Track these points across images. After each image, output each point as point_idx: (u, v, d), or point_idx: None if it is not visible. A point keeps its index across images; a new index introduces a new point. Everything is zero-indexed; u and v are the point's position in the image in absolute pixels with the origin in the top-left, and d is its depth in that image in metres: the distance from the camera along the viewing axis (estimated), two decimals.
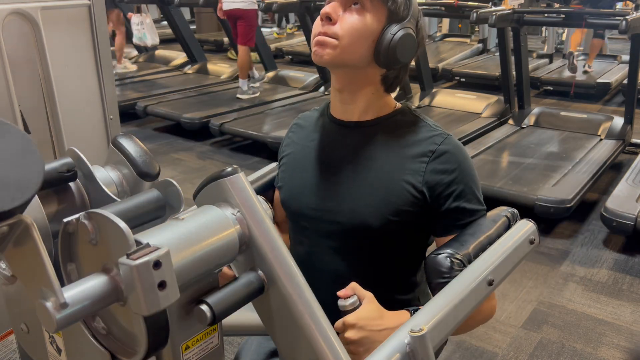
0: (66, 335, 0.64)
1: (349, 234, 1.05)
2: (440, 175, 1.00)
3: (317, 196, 1.08)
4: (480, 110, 4.65)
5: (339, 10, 0.98)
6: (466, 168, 1.03)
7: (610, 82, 5.72)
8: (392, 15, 0.98)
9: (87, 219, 0.55)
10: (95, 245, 0.55)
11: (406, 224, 1.03)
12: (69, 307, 0.48)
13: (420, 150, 1.02)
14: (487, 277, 0.83)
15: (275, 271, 0.65)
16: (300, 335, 0.66)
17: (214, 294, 0.61)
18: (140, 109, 4.96)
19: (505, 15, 4.08)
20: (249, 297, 0.64)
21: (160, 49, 7.22)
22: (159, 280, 0.49)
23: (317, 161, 1.10)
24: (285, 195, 1.14)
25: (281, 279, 0.65)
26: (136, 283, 0.48)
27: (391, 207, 1.01)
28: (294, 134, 1.19)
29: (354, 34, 0.97)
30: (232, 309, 0.61)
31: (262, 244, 0.65)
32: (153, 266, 0.49)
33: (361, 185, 1.04)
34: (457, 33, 8.60)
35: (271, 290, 0.66)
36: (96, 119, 1.86)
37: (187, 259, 0.58)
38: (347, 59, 0.99)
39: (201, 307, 0.59)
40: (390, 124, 1.07)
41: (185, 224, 0.61)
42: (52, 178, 0.71)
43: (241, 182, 0.67)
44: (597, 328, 2.29)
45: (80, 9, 1.74)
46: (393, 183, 1.02)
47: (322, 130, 1.13)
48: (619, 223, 2.78)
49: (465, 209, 1.01)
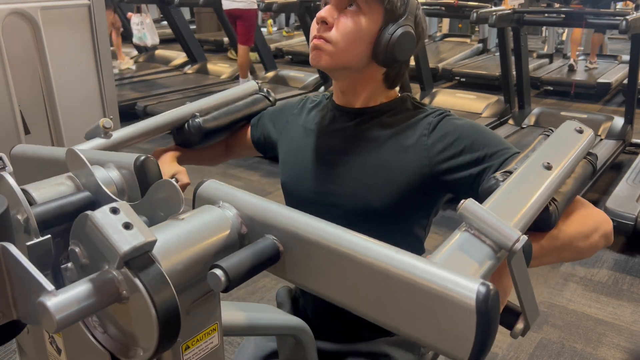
0: (66, 335, 0.64)
1: (350, 215, 1.05)
2: (444, 140, 0.99)
3: (318, 179, 1.09)
4: (481, 110, 4.65)
5: (335, 14, 0.98)
6: (467, 124, 1.00)
7: (610, 82, 5.72)
8: (389, 14, 0.97)
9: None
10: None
11: (407, 204, 1.03)
12: (69, 307, 0.48)
13: (419, 130, 1.03)
14: (542, 162, 0.74)
15: (290, 232, 0.61)
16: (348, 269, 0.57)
17: (228, 259, 0.57)
18: (140, 109, 4.96)
19: (506, 15, 4.08)
20: (264, 264, 0.60)
21: (160, 49, 7.23)
22: (122, 222, 0.49)
23: (318, 145, 1.11)
24: (286, 178, 1.15)
25: (297, 239, 0.60)
26: (102, 231, 0.48)
27: (393, 187, 1.01)
28: (299, 112, 1.20)
29: (349, 38, 0.97)
30: (247, 274, 0.58)
31: (270, 214, 0.62)
32: (111, 212, 0.49)
33: (362, 168, 1.05)
34: (457, 33, 8.60)
35: (287, 252, 0.61)
36: (96, 119, 1.86)
37: (187, 258, 0.58)
38: (344, 62, 0.99)
39: (215, 271, 0.55)
40: (392, 109, 1.07)
41: (185, 223, 0.61)
42: (72, 211, 0.69)
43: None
44: (597, 328, 2.29)
45: (80, 9, 1.74)
46: (394, 164, 1.02)
47: (324, 115, 1.14)
48: (619, 223, 2.78)
49: (487, 154, 0.95)
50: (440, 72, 6.58)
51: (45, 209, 0.66)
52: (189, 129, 1.21)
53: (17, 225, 0.61)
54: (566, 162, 0.77)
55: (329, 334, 1.14)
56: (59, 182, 0.74)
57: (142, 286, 0.48)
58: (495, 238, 0.58)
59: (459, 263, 0.57)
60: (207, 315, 0.64)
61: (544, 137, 0.86)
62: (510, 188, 0.70)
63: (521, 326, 0.65)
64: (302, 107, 1.20)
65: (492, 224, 0.58)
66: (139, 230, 0.49)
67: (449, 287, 0.48)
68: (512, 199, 0.68)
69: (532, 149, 0.83)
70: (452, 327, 0.49)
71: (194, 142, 1.24)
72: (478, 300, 0.46)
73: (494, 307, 0.47)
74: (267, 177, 3.97)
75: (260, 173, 4.04)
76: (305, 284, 0.62)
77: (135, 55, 7.24)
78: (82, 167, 0.74)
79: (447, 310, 0.49)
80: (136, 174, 0.78)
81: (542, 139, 0.86)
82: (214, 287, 0.56)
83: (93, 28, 1.77)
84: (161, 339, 0.50)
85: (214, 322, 0.65)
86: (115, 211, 0.50)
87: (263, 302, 2.49)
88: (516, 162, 0.81)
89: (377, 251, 0.55)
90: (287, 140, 1.18)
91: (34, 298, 0.48)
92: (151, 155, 0.79)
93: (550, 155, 0.77)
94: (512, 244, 0.57)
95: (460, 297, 0.47)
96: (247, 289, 2.57)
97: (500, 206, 0.66)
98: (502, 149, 0.95)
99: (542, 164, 0.74)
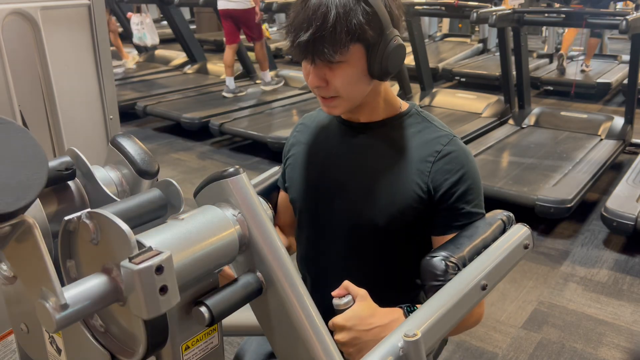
0: (66, 335, 0.64)
1: (355, 232, 1.06)
2: (445, 175, 1.01)
3: (324, 195, 1.10)
4: (481, 110, 4.65)
5: (322, 73, 0.97)
6: (470, 170, 1.03)
7: (610, 82, 5.72)
8: (368, 45, 0.95)
9: (89, 218, 0.55)
10: (97, 245, 0.55)
11: (411, 223, 1.04)
12: (69, 307, 0.48)
13: (426, 151, 1.03)
14: (480, 282, 0.84)
15: (274, 273, 0.65)
16: (296, 337, 0.66)
17: (213, 296, 0.61)
18: (140, 109, 4.96)
19: (506, 15, 4.08)
20: (247, 299, 0.64)
21: (160, 48, 7.23)
22: (161, 284, 0.49)
23: (323, 161, 1.11)
24: (294, 195, 1.16)
25: (279, 280, 0.65)
26: (138, 287, 0.48)
27: (397, 206, 1.02)
28: (299, 133, 1.20)
29: (349, 84, 0.97)
30: (231, 310, 0.61)
31: (261, 245, 0.65)
32: (155, 271, 0.49)
33: (367, 185, 1.05)
34: (457, 33, 8.60)
35: (269, 292, 0.66)
36: (96, 119, 1.86)
37: (187, 259, 0.58)
38: (356, 102, 1.02)
39: (200, 308, 0.59)
40: (397, 125, 1.07)
41: (186, 224, 0.60)
42: (51, 177, 0.70)
43: (242, 182, 0.67)
44: (597, 328, 2.29)
45: (80, 9, 1.74)
46: (399, 183, 1.03)
47: (328, 129, 1.14)
48: (619, 223, 2.78)
49: (465, 210, 1.01)
50: (441, 72, 6.57)
51: None
52: None
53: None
54: (498, 280, 0.89)
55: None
56: None
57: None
58: None
59: None
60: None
61: (500, 225, 1.00)
62: (444, 302, 0.79)
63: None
64: (304, 126, 1.20)
65: None
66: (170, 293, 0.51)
67: None
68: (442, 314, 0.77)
69: (483, 240, 0.96)
70: None
71: None
72: None
73: None
74: None
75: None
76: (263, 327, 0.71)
77: (136, 55, 7.24)
78: (82, 166, 0.74)
79: None
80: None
81: (497, 227, 1.00)
82: (199, 322, 0.60)
83: (93, 28, 1.77)
84: (150, 341, 0.51)
85: None
86: (160, 270, 0.49)
87: None
88: (468, 250, 0.92)
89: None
90: (291, 161, 1.18)
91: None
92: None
93: (491, 272, 0.86)
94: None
95: None
96: None
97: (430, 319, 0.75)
98: (476, 212, 1.03)
99: (481, 284, 0.84)
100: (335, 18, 0.90)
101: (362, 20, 0.91)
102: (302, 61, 0.99)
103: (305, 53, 0.94)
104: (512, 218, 1.04)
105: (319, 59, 0.94)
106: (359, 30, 0.91)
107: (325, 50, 0.91)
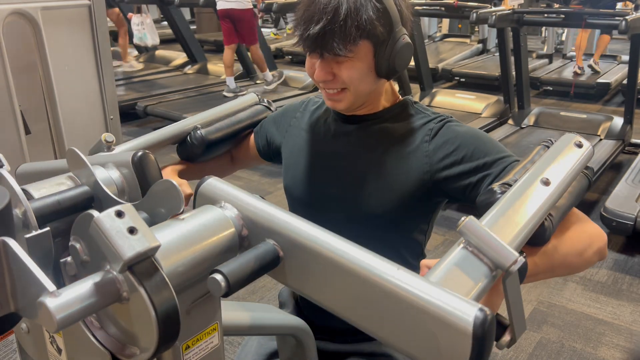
0: (66, 335, 0.64)
1: (352, 221, 1.06)
2: (444, 148, 1.00)
3: (320, 184, 1.10)
4: (480, 111, 4.65)
5: (329, 67, 0.97)
6: (468, 132, 1.02)
7: (610, 82, 5.72)
8: (377, 42, 0.95)
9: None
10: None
11: (408, 210, 1.04)
12: (69, 307, 0.48)
13: (420, 136, 1.03)
14: (541, 177, 0.74)
15: (291, 239, 0.60)
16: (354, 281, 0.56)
17: (228, 264, 0.57)
18: (140, 109, 4.96)
19: (505, 15, 4.09)
20: (264, 268, 0.60)
21: (160, 49, 7.23)
22: (127, 226, 0.48)
23: (320, 150, 1.12)
24: (288, 182, 1.16)
25: (298, 243, 0.60)
26: (107, 234, 0.48)
27: (393, 193, 1.02)
28: (301, 115, 1.20)
29: (356, 79, 0.98)
30: (248, 279, 0.58)
31: (272, 218, 0.62)
32: (116, 215, 0.49)
33: (364, 174, 1.05)
34: (457, 33, 8.61)
35: (287, 258, 0.61)
36: (96, 119, 1.86)
37: (187, 258, 0.58)
38: (361, 98, 1.02)
39: (215, 276, 0.55)
40: (393, 115, 1.08)
41: (186, 223, 0.61)
42: (67, 208, 0.69)
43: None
44: (597, 328, 2.29)
45: (80, 9, 1.74)
46: (395, 170, 1.03)
47: (327, 119, 1.14)
48: (619, 223, 2.79)
49: (487, 162, 0.96)
50: (440, 72, 6.58)
51: (44, 203, 0.66)
52: (191, 140, 1.20)
53: (16, 220, 0.61)
54: (564, 178, 0.77)
55: (330, 334, 1.14)
56: (59, 182, 0.74)
57: (144, 291, 0.49)
58: (493, 258, 0.58)
59: (456, 281, 0.57)
60: (208, 315, 0.64)
61: (543, 148, 0.86)
62: (508, 204, 0.70)
63: (508, 339, 0.66)
64: (305, 109, 1.21)
65: (491, 244, 0.59)
66: (143, 235, 0.49)
67: (447, 309, 0.49)
68: (510, 215, 0.69)
69: (531, 160, 0.83)
70: (447, 348, 0.49)
71: (197, 154, 1.22)
72: (475, 325, 0.47)
73: (489, 332, 0.47)
74: (267, 177, 3.97)
75: (260, 173, 4.05)
76: (303, 290, 0.62)
77: (136, 55, 7.24)
78: (83, 167, 0.74)
79: (443, 332, 0.49)
80: (134, 169, 0.78)
81: (541, 149, 0.86)
82: (214, 292, 0.56)
83: (93, 28, 1.77)
84: (161, 340, 0.50)
85: (214, 322, 0.65)
86: (120, 214, 0.49)
87: (263, 301, 2.49)
88: (515, 173, 0.82)
89: (376, 267, 0.54)
90: (290, 143, 1.19)
91: (32, 292, 0.48)
92: (149, 151, 0.79)
93: (549, 170, 0.77)
94: (509, 265, 0.58)
95: (457, 320, 0.48)
96: (247, 288, 2.57)
97: (498, 222, 0.67)
98: (502, 157, 0.96)
99: (541, 179, 0.74)
100: (346, 12, 0.91)
101: (372, 16, 0.92)
102: (308, 55, 1.00)
103: (314, 46, 0.95)
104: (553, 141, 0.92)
105: (328, 52, 0.94)
106: (369, 26, 0.92)
107: (335, 44, 0.92)
